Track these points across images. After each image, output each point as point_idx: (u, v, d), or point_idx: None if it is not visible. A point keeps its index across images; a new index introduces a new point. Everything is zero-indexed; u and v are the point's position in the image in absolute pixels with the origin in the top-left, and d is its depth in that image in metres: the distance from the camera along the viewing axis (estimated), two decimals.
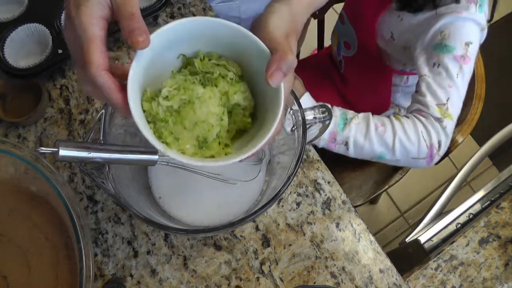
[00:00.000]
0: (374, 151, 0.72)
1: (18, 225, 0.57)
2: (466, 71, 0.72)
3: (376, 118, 0.73)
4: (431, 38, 0.74)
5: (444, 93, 0.71)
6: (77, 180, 0.67)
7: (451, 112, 0.71)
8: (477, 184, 1.62)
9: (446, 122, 0.71)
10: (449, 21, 0.72)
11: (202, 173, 0.58)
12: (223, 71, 0.44)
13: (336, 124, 0.72)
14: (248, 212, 0.61)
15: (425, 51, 0.75)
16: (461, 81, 0.71)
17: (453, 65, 0.71)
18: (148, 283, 0.61)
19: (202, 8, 0.81)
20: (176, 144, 0.42)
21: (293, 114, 0.54)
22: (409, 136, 0.71)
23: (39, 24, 0.72)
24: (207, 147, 0.43)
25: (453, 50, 0.71)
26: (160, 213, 0.60)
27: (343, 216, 0.66)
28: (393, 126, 0.71)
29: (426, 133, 0.71)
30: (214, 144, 0.43)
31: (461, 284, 0.66)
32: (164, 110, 0.41)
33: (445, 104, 0.71)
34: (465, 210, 0.79)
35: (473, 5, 0.72)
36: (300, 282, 0.62)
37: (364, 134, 0.71)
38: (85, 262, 0.47)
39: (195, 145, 0.42)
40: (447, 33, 0.72)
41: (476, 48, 0.73)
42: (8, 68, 0.69)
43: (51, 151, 0.42)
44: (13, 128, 0.70)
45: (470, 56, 0.71)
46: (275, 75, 0.38)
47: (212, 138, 0.43)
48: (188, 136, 0.42)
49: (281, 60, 0.38)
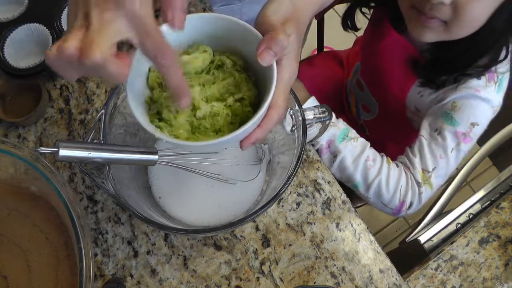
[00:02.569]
0: (353, 177, 0.73)
1: (18, 225, 0.57)
2: (462, 149, 0.71)
3: (372, 151, 0.73)
4: (444, 106, 0.73)
5: (433, 162, 0.71)
6: (77, 180, 0.67)
7: (432, 182, 0.72)
8: (477, 184, 1.62)
9: (424, 189, 0.71)
10: (465, 96, 0.70)
11: (202, 173, 0.58)
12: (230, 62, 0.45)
13: (335, 135, 0.72)
14: (248, 212, 0.61)
15: (433, 113, 0.74)
16: (454, 157, 0.71)
17: (451, 139, 0.71)
18: (148, 283, 0.61)
19: (202, 8, 0.81)
20: (169, 129, 0.43)
21: (293, 114, 0.54)
22: (389, 184, 0.71)
23: (39, 24, 0.72)
24: (200, 133, 0.43)
25: (457, 126, 0.70)
26: (160, 213, 0.60)
27: (343, 216, 0.66)
28: (381, 167, 0.72)
29: (405, 190, 0.72)
30: (210, 132, 0.44)
31: (461, 284, 0.66)
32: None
33: (430, 172, 0.71)
34: (465, 210, 0.79)
35: (492, 84, 0.70)
36: (300, 282, 0.62)
37: (353, 158, 0.72)
38: (85, 262, 0.47)
39: (188, 130, 0.43)
40: (458, 106, 0.71)
41: (481, 130, 0.72)
42: (8, 68, 0.69)
43: (51, 151, 0.42)
44: (13, 128, 0.70)
45: (472, 137, 0.71)
46: (264, 53, 0.38)
47: (223, 125, 0.43)
48: (182, 122, 0.43)
49: (271, 40, 0.38)
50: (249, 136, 0.41)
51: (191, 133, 0.43)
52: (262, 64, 0.39)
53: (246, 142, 0.41)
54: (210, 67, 0.45)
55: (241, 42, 0.44)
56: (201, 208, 0.62)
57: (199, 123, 0.43)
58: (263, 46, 0.39)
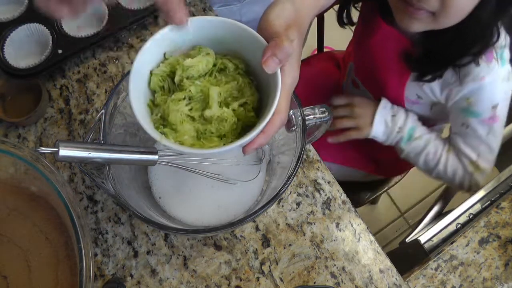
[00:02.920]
0: (416, 165, 0.83)
1: (18, 225, 0.57)
2: (496, 128, 0.73)
3: (434, 145, 0.79)
4: (458, 103, 0.74)
5: (474, 151, 0.75)
6: (77, 180, 0.67)
7: (482, 167, 0.76)
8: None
9: (477, 175, 0.76)
10: (474, 88, 0.71)
11: (202, 173, 0.58)
12: (232, 65, 0.45)
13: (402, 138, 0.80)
14: (248, 212, 0.61)
15: (452, 111, 0.76)
16: (492, 139, 0.74)
17: (482, 128, 0.73)
18: (148, 283, 0.61)
19: (202, 8, 0.81)
20: (174, 135, 0.42)
21: (293, 114, 0.54)
22: (447, 173, 0.79)
23: (39, 24, 0.72)
24: (205, 139, 0.43)
25: (480, 115, 0.72)
26: (160, 213, 0.60)
27: (343, 216, 0.66)
28: (439, 158, 0.79)
29: (462, 176, 0.78)
30: (215, 138, 0.43)
31: (461, 284, 0.66)
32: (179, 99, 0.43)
33: (476, 160, 0.76)
34: (465, 210, 0.79)
35: (494, 62, 0.69)
36: (300, 282, 0.62)
37: (415, 154, 0.81)
38: (85, 262, 0.47)
39: (193, 136, 0.43)
40: (473, 100, 0.72)
41: (505, 104, 0.72)
42: (8, 68, 0.69)
43: (51, 151, 0.42)
44: (13, 128, 0.70)
45: (499, 115, 0.72)
46: (270, 60, 0.39)
47: (228, 131, 0.43)
48: (187, 128, 0.43)
49: (276, 47, 0.39)
50: (253, 141, 0.41)
51: (196, 139, 0.43)
52: (267, 71, 0.39)
53: (249, 147, 0.41)
54: (213, 70, 0.45)
55: (243, 46, 0.44)
56: (201, 208, 0.62)
57: (205, 128, 0.43)
58: (268, 53, 0.39)
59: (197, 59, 0.44)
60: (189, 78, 0.44)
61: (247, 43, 0.43)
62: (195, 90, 0.44)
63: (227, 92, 0.44)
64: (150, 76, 0.44)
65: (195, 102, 0.44)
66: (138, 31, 0.78)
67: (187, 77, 0.44)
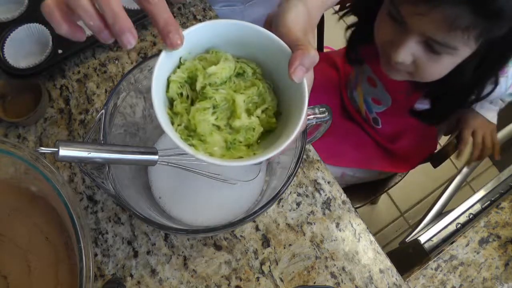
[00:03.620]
0: None
1: (18, 225, 0.57)
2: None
3: None
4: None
5: None
6: (77, 180, 0.66)
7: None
8: (477, 184, 1.62)
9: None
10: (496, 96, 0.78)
11: (202, 173, 0.58)
12: (249, 69, 0.45)
13: None
14: (248, 212, 0.61)
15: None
16: None
17: None
18: (148, 283, 0.61)
19: (202, 8, 0.81)
20: (203, 146, 0.42)
21: None
22: None
23: (39, 24, 0.72)
24: (234, 149, 0.43)
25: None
26: (160, 213, 0.60)
27: (343, 216, 0.66)
28: None
29: None
30: (242, 146, 0.43)
31: (461, 284, 0.66)
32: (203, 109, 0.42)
33: None
34: (465, 210, 0.79)
35: (504, 77, 0.75)
36: (300, 282, 0.62)
37: None
38: (85, 262, 0.47)
39: (223, 147, 0.42)
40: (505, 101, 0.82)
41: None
42: (8, 68, 0.69)
43: (51, 151, 0.42)
44: (13, 128, 0.70)
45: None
46: (298, 70, 0.39)
47: (254, 140, 0.43)
48: (217, 138, 0.42)
49: (304, 56, 0.39)
50: None
51: (226, 149, 0.42)
52: (295, 81, 0.39)
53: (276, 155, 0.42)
54: (231, 75, 0.44)
55: (261, 50, 0.43)
56: (201, 208, 0.62)
57: (234, 138, 0.42)
58: (296, 63, 0.39)
59: (220, 65, 0.43)
60: (212, 85, 0.43)
61: (265, 47, 0.42)
62: (220, 98, 0.42)
63: (249, 98, 0.44)
64: (167, 83, 0.42)
65: (220, 111, 0.43)
66: (138, 31, 0.78)
67: (210, 84, 0.43)
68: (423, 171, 1.52)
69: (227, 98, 0.43)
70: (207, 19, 0.79)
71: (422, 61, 0.64)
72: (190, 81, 0.43)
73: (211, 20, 0.42)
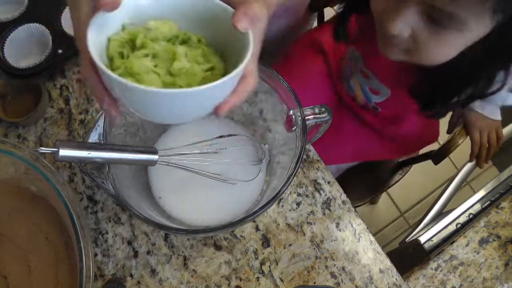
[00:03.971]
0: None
1: (18, 225, 0.57)
2: None
3: None
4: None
5: None
6: (77, 180, 0.67)
7: None
8: (477, 184, 1.62)
9: None
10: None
11: (202, 173, 0.58)
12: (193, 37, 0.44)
13: None
14: (248, 212, 0.61)
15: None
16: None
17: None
18: (148, 283, 0.61)
19: None
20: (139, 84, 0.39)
21: (293, 114, 0.54)
22: None
23: (39, 24, 0.72)
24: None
25: None
26: (160, 213, 0.60)
27: (343, 216, 0.66)
28: None
29: None
30: None
31: (461, 284, 0.66)
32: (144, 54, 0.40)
33: None
34: (465, 210, 0.79)
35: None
36: (300, 282, 0.62)
37: None
38: (85, 262, 0.47)
39: (160, 87, 0.40)
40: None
41: None
42: (8, 68, 0.69)
43: (51, 151, 0.42)
44: (13, 128, 0.70)
45: None
46: (241, 17, 0.39)
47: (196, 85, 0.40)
48: (154, 77, 0.40)
49: (247, 7, 0.39)
50: (226, 102, 0.40)
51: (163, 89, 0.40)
52: (240, 28, 0.38)
53: (223, 107, 0.40)
54: (174, 41, 0.43)
55: (208, 18, 0.43)
56: (201, 208, 0.62)
57: (172, 80, 0.40)
58: (240, 11, 0.39)
59: (161, 21, 0.42)
60: (153, 41, 0.42)
61: (211, 13, 0.42)
62: (160, 48, 0.41)
63: (193, 57, 0.42)
64: (108, 43, 0.41)
65: (160, 60, 0.41)
66: None
67: (151, 39, 0.41)
68: (423, 171, 1.52)
69: (168, 50, 0.41)
70: None
71: (423, 36, 0.54)
72: (131, 44, 0.42)
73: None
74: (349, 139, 0.95)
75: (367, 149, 0.96)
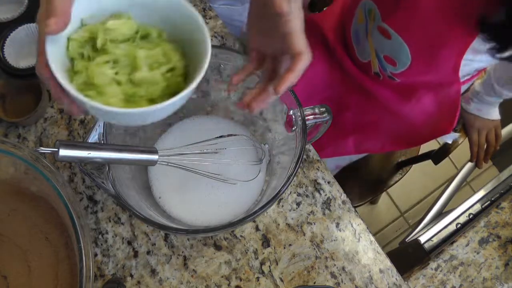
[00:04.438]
0: None
1: (18, 225, 0.57)
2: None
3: None
4: None
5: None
6: (77, 180, 0.67)
7: None
8: (477, 184, 1.62)
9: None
10: None
11: (202, 173, 0.58)
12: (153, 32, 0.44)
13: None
14: (248, 212, 0.61)
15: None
16: None
17: None
18: (148, 283, 0.61)
19: (202, 8, 0.81)
20: (100, 98, 0.40)
21: (293, 114, 0.54)
22: None
23: None
24: (135, 102, 0.41)
25: None
26: (160, 213, 0.60)
27: (343, 216, 0.66)
28: None
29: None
30: (144, 101, 0.41)
31: (461, 284, 0.66)
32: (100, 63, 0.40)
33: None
34: (465, 210, 0.79)
35: None
36: (300, 282, 0.62)
37: None
38: (85, 262, 0.47)
39: (121, 99, 0.41)
40: None
41: None
42: (8, 68, 0.69)
43: (51, 151, 0.42)
44: (13, 128, 0.70)
45: None
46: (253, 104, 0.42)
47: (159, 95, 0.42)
48: (115, 90, 0.40)
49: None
50: (283, 80, 0.42)
51: (125, 102, 0.41)
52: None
53: (280, 86, 0.42)
54: (135, 37, 0.43)
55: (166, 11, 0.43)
56: (201, 208, 0.62)
57: (134, 91, 0.41)
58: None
59: (120, 21, 0.42)
60: (113, 42, 0.41)
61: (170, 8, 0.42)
62: (120, 53, 0.41)
63: (153, 57, 0.42)
64: (68, 42, 0.41)
65: (120, 66, 0.41)
66: None
67: (111, 40, 0.41)
68: (423, 171, 1.52)
69: (129, 54, 0.41)
70: (207, 19, 0.79)
71: None
72: (92, 42, 0.42)
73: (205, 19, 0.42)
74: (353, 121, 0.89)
75: (375, 137, 0.89)
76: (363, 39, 0.76)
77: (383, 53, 0.73)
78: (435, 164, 1.02)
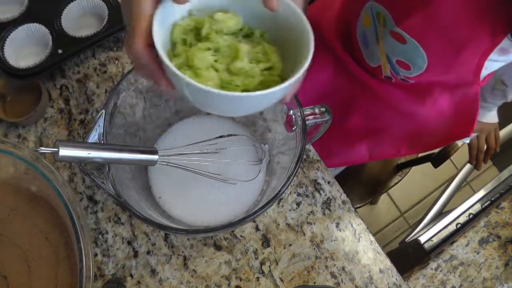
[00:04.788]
0: None
1: (18, 225, 0.57)
2: None
3: None
4: None
5: None
6: (77, 180, 0.67)
7: None
8: (477, 184, 1.63)
9: None
10: None
11: (202, 173, 0.58)
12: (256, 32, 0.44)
13: None
14: (248, 212, 0.61)
15: None
16: None
17: None
18: (148, 283, 0.61)
19: None
20: (196, 80, 0.39)
21: (293, 114, 0.54)
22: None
23: (39, 24, 0.72)
24: (229, 89, 0.40)
25: None
26: (160, 213, 0.60)
27: (343, 216, 0.66)
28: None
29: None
30: (238, 91, 0.41)
31: (461, 284, 0.66)
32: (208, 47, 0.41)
33: None
34: (465, 210, 0.79)
35: None
36: (300, 282, 0.62)
37: None
38: (85, 262, 0.47)
39: (217, 84, 0.41)
40: None
41: None
42: (8, 68, 0.69)
43: (51, 151, 0.42)
44: (13, 128, 0.70)
45: None
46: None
47: (253, 89, 0.41)
48: (213, 74, 0.41)
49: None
50: (291, 90, 0.41)
51: (220, 88, 0.41)
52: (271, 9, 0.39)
53: (290, 95, 0.41)
54: (238, 33, 0.44)
55: (271, 14, 0.42)
56: (201, 208, 0.62)
57: (230, 79, 0.41)
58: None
59: (228, 15, 0.42)
60: (218, 33, 0.42)
61: (283, 19, 0.42)
62: (223, 42, 0.42)
63: (254, 54, 0.43)
64: (173, 27, 0.42)
65: (221, 55, 0.42)
66: None
67: (216, 30, 0.42)
68: (423, 171, 1.52)
69: (231, 45, 0.42)
70: None
71: None
72: (196, 32, 0.42)
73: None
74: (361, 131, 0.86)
75: (389, 142, 0.85)
76: (372, 43, 0.72)
77: (395, 58, 0.69)
78: (435, 167, 1.03)
